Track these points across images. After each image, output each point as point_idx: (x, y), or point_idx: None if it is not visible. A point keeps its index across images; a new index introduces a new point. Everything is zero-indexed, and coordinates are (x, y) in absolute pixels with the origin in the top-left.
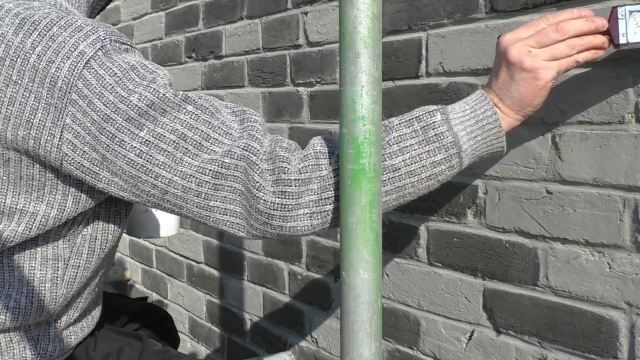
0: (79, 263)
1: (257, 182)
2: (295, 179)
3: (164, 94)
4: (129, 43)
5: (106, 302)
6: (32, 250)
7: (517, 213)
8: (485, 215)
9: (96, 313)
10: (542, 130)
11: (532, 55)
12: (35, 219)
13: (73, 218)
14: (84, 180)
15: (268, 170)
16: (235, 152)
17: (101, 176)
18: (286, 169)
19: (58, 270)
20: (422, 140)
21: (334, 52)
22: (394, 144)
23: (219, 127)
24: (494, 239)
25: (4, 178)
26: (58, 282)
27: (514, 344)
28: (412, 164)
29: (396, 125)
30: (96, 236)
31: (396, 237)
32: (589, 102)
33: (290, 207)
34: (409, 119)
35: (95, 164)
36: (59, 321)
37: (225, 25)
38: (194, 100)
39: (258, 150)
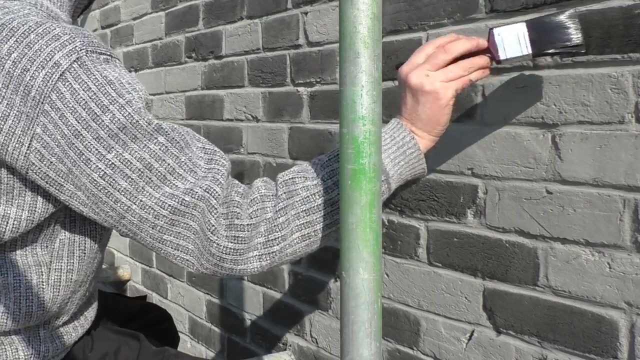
0: (61, 266)
1: (213, 225)
2: (247, 224)
3: (137, 120)
4: (108, 53)
5: (105, 301)
6: (12, 257)
7: (517, 213)
8: (485, 215)
9: (89, 314)
10: (542, 130)
11: (430, 78)
12: (7, 223)
13: (47, 221)
14: (48, 190)
15: (223, 214)
16: (196, 192)
17: (65, 188)
18: (239, 214)
19: (42, 275)
20: None
21: (334, 52)
22: (327, 179)
23: (185, 163)
24: (494, 239)
25: None
26: (43, 286)
27: (514, 344)
28: None
29: (327, 161)
30: (74, 239)
31: (396, 237)
32: (589, 102)
33: (241, 251)
34: (337, 154)
35: (61, 175)
36: (48, 324)
37: (225, 25)
38: (166, 131)
39: (219, 195)
